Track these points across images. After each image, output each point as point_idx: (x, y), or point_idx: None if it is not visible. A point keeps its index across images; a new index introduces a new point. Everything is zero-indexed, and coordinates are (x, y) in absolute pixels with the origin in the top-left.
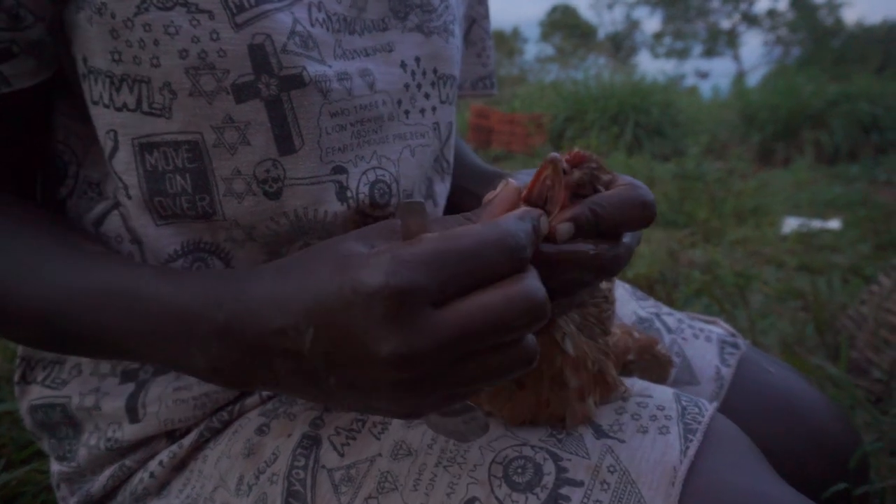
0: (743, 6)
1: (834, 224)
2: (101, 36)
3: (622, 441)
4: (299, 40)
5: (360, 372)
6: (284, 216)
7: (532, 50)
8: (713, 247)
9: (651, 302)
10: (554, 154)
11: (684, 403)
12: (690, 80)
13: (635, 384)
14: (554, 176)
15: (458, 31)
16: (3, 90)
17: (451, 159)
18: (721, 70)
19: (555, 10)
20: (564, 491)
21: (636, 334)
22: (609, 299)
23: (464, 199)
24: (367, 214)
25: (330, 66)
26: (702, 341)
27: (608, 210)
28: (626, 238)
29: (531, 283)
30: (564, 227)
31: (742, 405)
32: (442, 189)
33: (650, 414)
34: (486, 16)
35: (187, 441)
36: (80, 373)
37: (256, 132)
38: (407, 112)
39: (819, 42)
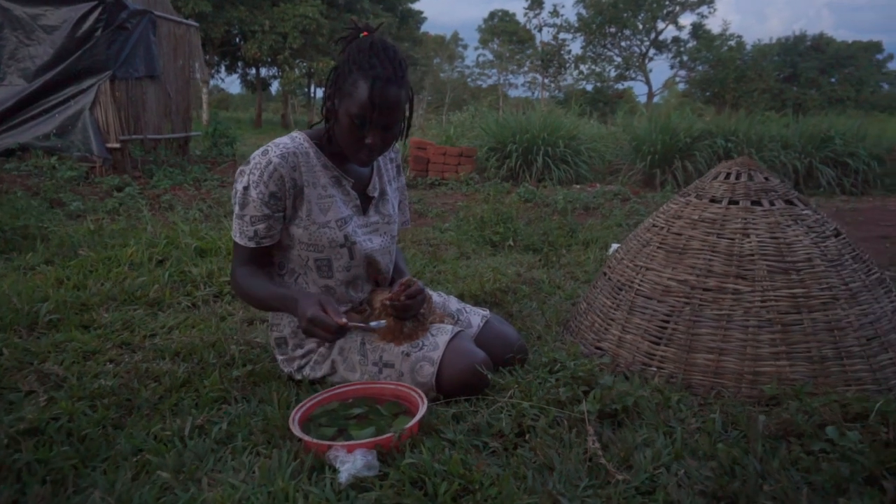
0: (652, 35)
1: None
2: (305, 233)
3: (435, 335)
4: (353, 233)
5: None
6: (350, 274)
7: (472, 55)
8: (549, 269)
9: (465, 305)
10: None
11: (455, 330)
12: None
13: (448, 327)
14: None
15: (397, 216)
16: (265, 244)
17: (394, 256)
18: (636, 89)
19: (493, 15)
20: (425, 345)
21: (445, 317)
22: (427, 313)
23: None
24: (367, 270)
25: (361, 238)
26: (475, 315)
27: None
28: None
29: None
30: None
31: (484, 338)
32: (390, 265)
33: (445, 330)
34: (406, 196)
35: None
36: (283, 328)
37: (344, 256)
38: (384, 249)
39: (719, 64)
